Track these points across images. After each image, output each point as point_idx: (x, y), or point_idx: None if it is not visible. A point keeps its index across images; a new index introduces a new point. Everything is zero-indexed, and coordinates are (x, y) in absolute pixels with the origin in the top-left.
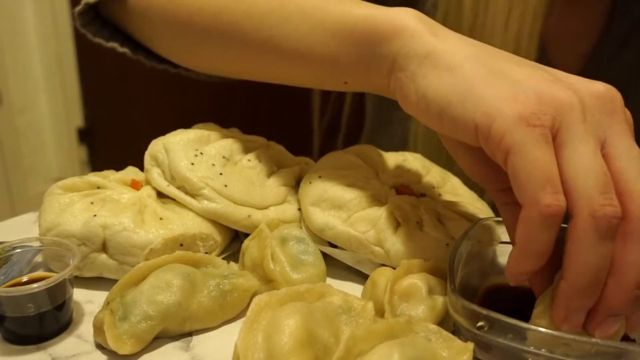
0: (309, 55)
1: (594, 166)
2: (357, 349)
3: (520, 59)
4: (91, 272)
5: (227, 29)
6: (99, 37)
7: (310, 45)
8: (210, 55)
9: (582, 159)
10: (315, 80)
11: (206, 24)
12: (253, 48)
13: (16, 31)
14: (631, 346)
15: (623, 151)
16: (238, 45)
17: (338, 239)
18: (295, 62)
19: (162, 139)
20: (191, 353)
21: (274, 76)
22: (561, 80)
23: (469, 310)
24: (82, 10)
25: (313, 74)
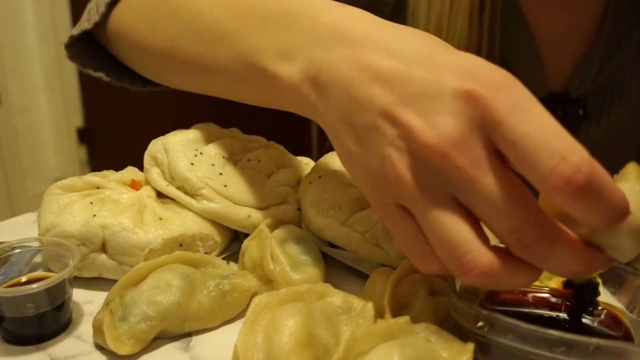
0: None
1: (445, 234)
2: (357, 350)
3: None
4: (90, 272)
5: (183, 56)
6: (87, 67)
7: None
8: (175, 77)
9: (433, 229)
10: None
11: (166, 52)
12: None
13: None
14: (631, 346)
15: (476, 199)
16: (195, 69)
17: (338, 239)
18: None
19: (162, 139)
20: (191, 353)
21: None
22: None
23: (469, 311)
24: (69, 43)
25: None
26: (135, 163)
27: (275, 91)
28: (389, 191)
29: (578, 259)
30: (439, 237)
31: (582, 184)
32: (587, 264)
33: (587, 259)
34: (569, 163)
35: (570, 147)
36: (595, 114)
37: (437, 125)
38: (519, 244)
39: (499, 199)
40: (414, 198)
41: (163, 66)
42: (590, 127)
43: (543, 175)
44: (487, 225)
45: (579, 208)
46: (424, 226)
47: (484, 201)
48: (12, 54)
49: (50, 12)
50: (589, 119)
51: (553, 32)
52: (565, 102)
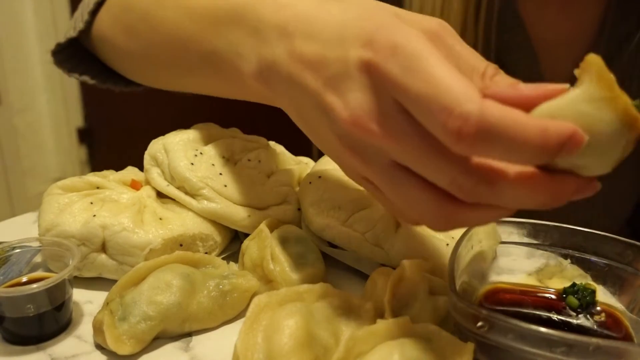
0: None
1: (401, 197)
2: (357, 350)
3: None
4: (90, 272)
5: (157, 59)
6: (73, 72)
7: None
8: (154, 78)
9: (391, 195)
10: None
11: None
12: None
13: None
14: (631, 346)
15: (408, 161)
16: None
17: (338, 239)
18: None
19: (162, 139)
20: (191, 353)
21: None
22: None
23: (469, 311)
24: (56, 50)
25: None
26: (135, 163)
27: (241, 86)
28: (349, 167)
29: (537, 190)
30: (399, 200)
31: (473, 133)
32: (553, 192)
33: (550, 188)
34: (456, 116)
35: (458, 98)
36: None
37: (351, 103)
38: (462, 191)
39: (426, 156)
40: (364, 171)
41: (142, 68)
42: None
43: (438, 132)
44: (429, 180)
45: (489, 153)
46: (385, 192)
47: (414, 161)
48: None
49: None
50: None
51: (551, 37)
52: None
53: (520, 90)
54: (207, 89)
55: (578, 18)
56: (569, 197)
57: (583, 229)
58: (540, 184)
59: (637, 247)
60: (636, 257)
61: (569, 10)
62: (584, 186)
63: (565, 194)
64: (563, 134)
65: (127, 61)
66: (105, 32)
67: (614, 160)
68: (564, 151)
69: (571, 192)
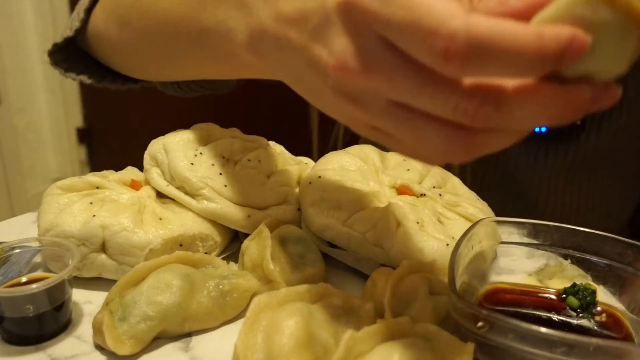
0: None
1: (406, 136)
2: (357, 350)
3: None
4: (90, 272)
5: (151, 48)
6: (70, 72)
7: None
8: (149, 69)
9: (397, 136)
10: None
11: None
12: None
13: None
14: (631, 346)
15: (407, 98)
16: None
17: (338, 239)
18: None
19: (162, 139)
20: (191, 354)
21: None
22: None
23: (469, 311)
24: (53, 50)
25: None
26: (135, 163)
27: (235, 63)
28: (352, 120)
29: (548, 102)
30: (409, 139)
31: (463, 51)
32: (566, 102)
33: (562, 98)
34: (442, 36)
35: (441, 18)
36: (595, 122)
37: (335, 50)
38: (467, 117)
39: (421, 88)
40: (367, 119)
41: (137, 60)
42: (590, 135)
43: (426, 58)
44: (433, 114)
45: (484, 70)
46: (394, 134)
47: (410, 96)
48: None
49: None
50: (588, 128)
51: None
52: None
53: (508, 5)
54: (203, 72)
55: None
56: (587, 107)
57: (583, 229)
58: (550, 94)
59: (637, 247)
60: (636, 257)
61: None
62: (600, 93)
63: (580, 103)
64: (562, 38)
65: (122, 54)
66: (99, 27)
67: (628, 59)
68: (567, 57)
69: (587, 101)
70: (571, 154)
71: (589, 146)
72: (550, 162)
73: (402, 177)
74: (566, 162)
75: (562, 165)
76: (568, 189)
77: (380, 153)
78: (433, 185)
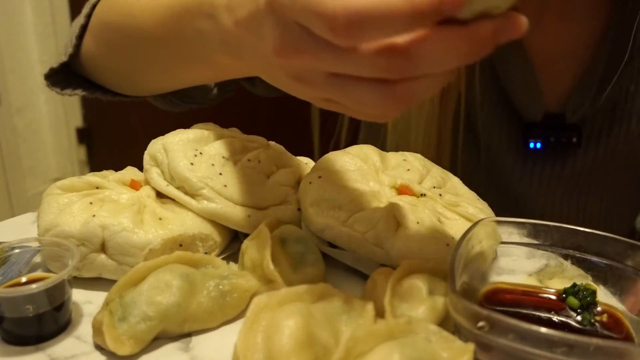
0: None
1: (352, 102)
2: (357, 350)
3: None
4: (90, 272)
5: (142, 67)
6: (66, 89)
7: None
8: (144, 86)
9: (345, 103)
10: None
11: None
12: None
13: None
14: (632, 346)
15: (339, 69)
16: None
17: (338, 239)
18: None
19: (162, 139)
20: (190, 354)
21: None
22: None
23: (469, 311)
24: (49, 74)
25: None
26: (135, 163)
27: (221, 68)
28: (308, 96)
29: (454, 41)
30: (352, 103)
31: (345, 26)
32: (471, 38)
33: (465, 35)
34: (325, 18)
35: (322, 3)
36: (593, 137)
37: (272, 40)
38: (388, 71)
39: (341, 58)
40: (317, 92)
41: (129, 80)
42: (588, 150)
43: (325, 36)
44: (361, 76)
45: (374, 36)
46: (340, 101)
47: (337, 66)
48: (12, 54)
49: (50, 12)
50: (585, 144)
51: (550, 50)
52: (560, 129)
53: None
54: (190, 79)
55: (578, 30)
56: (492, 40)
57: (583, 229)
58: (452, 35)
59: (637, 247)
60: (637, 257)
61: (568, 22)
62: (502, 25)
63: (484, 36)
64: None
65: (112, 73)
66: (90, 52)
67: None
68: (447, 7)
69: (491, 33)
70: (568, 169)
71: (587, 161)
72: (547, 177)
73: (402, 177)
74: (563, 177)
75: (559, 180)
76: (566, 202)
77: (380, 153)
78: (433, 185)
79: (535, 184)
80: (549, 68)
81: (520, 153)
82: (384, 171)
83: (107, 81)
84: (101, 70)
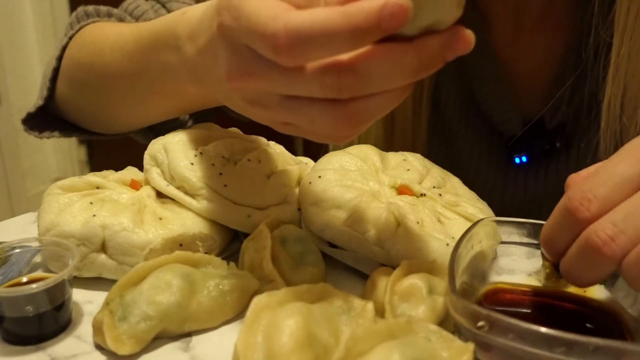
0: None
1: (301, 123)
2: (357, 350)
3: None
4: (90, 272)
5: (114, 107)
6: (44, 132)
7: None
8: (119, 125)
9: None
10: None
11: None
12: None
13: (16, 31)
14: (631, 346)
15: (288, 91)
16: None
17: (338, 239)
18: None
19: (162, 139)
20: (191, 353)
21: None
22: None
23: (469, 310)
24: (27, 118)
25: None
26: (135, 163)
27: (193, 99)
28: (265, 120)
29: (400, 57)
30: (306, 123)
31: (287, 45)
32: (417, 53)
33: (411, 50)
34: (268, 37)
35: (265, 22)
36: (575, 140)
37: (224, 65)
38: (335, 90)
39: (288, 79)
40: (273, 116)
41: (104, 119)
42: (571, 153)
43: (269, 56)
44: (312, 97)
45: (317, 54)
46: (295, 122)
47: (286, 88)
48: (12, 54)
49: (50, 12)
50: (568, 147)
51: (522, 66)
52: (542, 136)
53: None
54: (164, 113)
55: (551, 42)
56: (439, 56)
57: None
58: (398, 50)
59: None
60: None
61: (541, 36)
62: (449, 39)
63: (431, 51)
64: (371, 10)
65: (89, 116)
66: (64, 93)
67: (456, 3)
68: (387, 23)
69: (438, 48)
70: (552, 176)
71: (570, 164)
72: (531, 188)
73: (402, 177)
74: (548, 185)
75: (545, 189)
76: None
77: (380, 153)
78: (433, 185)
79: (520, 195)
80: (521, 85)
81: (503, 169)
82: (384, 171)
83: (83, 121)
84: (76, 110)
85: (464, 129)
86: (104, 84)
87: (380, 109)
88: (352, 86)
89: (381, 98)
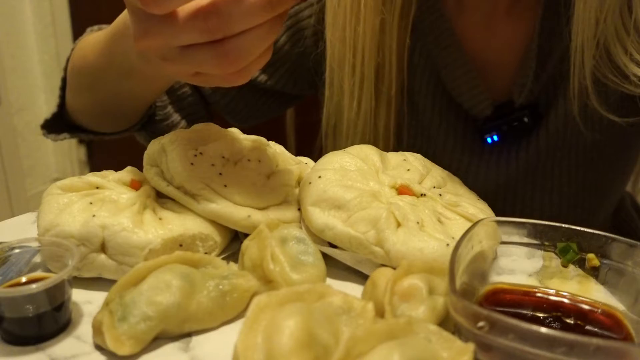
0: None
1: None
2: (357, 350)
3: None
4: (90, 272)
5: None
6: (61, 134)
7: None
8: (122, 124)
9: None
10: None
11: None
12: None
13: (16, 31)
14: (632, 347)
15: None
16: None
17: (338, 239)
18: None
19: (162, 139)
20: (191, 354)
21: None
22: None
23: (469, 311)
24: (45, 124)
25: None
26: (135, 163)
27: (163, 77)
28: (177, 74)
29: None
30: (202, 66)
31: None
32: None
33: None
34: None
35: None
36: (544, 117)
37: (133, 32)
38: (207, 32)
39: (172, 30)
40: (181, 67)
41: (100, 115)
42: (540, 130)
43: (143, 9)
44: (197, 43)
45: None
46: (196, 68)
47: (177, 37)
48: (12, 53)
49: (50, 12)
50: (537, 124)
51: (487, 56)
52: (510, 113)
53: None
54: (145, 95)
55: (516, 26)
56: None
57: (584, 229)
58: None
59: (637, 246)
60: (637, 257)
61: (510, 18)
62: None
63: None
64: None
65: (89, 118)
66: (70, 100)
67: None
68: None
69: None
70: (523, 153)
71: (541, 141)
72: (504, 167)
73: (402, 177)
74: (520, 163)
75: (517, 167)
76: (529, 191)
77: (380, 153)
78: (433, 185)
79: (493, 175)
80: (489, 74)
81: (478, 151)
82: (384, 171)
83: (89, 122)
84: (81, 113)
85: (437, 117)
86: (91, 83)
87: (254, 45)
88: (219, 26)
89: (251, 34)
